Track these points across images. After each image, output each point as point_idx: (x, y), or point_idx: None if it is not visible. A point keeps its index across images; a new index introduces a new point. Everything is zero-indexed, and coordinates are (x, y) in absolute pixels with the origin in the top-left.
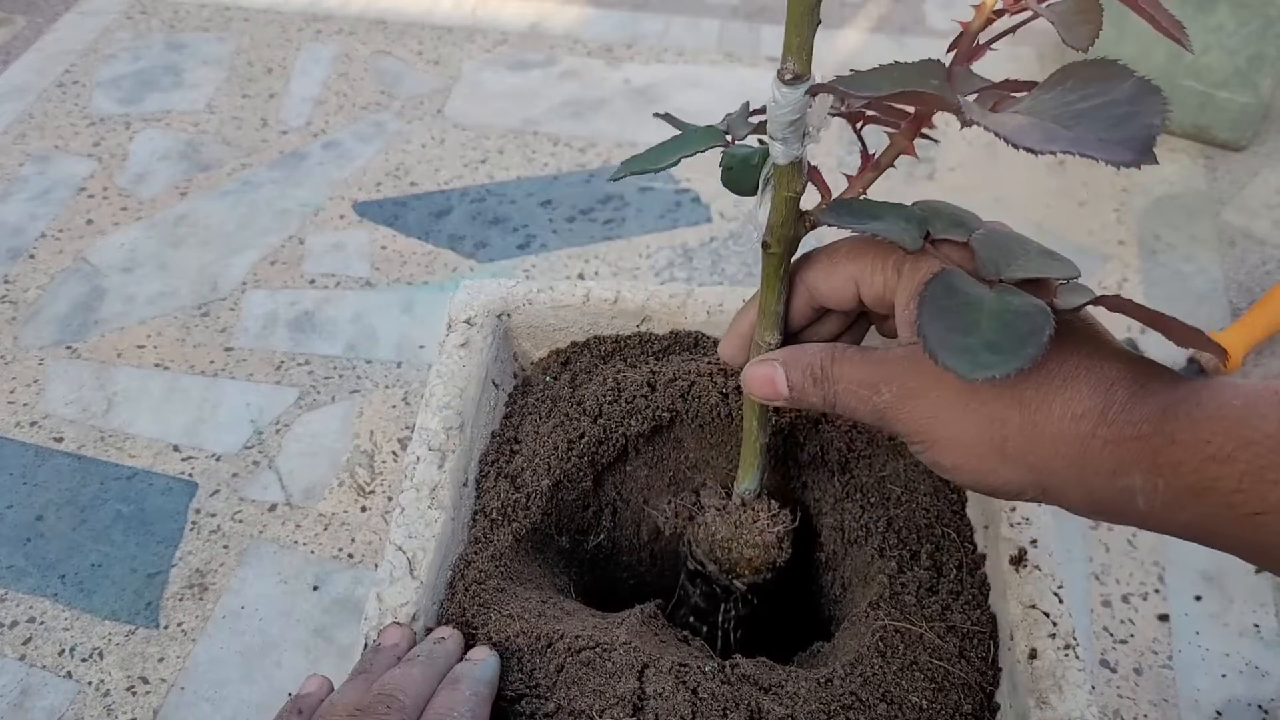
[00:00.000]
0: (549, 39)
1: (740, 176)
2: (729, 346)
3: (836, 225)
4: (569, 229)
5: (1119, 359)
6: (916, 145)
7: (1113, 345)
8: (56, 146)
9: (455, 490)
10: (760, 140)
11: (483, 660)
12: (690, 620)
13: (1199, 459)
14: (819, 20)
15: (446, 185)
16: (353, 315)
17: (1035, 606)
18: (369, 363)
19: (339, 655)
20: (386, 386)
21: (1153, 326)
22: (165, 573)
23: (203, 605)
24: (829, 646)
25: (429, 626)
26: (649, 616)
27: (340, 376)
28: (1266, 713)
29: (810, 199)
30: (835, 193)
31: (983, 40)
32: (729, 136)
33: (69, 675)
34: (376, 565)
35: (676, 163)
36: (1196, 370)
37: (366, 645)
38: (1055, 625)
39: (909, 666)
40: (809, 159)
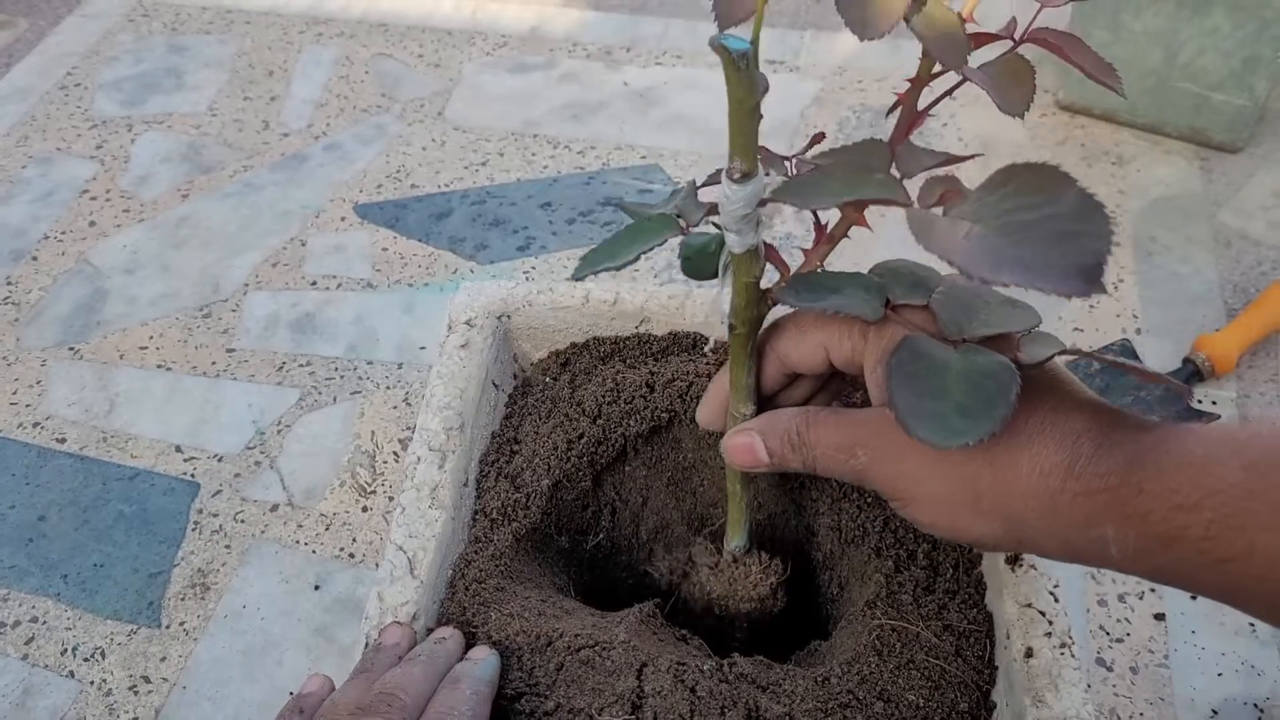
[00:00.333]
0: (549, 42)
1: (699, 265)
2: (706, 412)
3: (797, 305)
4: (569, 231)
5: (1084, 410)
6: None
7: (1078, 395)
8: (59, 149)
9: (455, 490)
10: (715, 225)
11: (483, 660)
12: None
13: (1166, 508)
14: (761, 117)
15: (447, 187)
16: (354, 316)
17: (1031, 605)
18: (370, 364)
19: (340, 654)
20: (387, 387)
21: (1114, 368)
22: (167, 572)
23: (204, 605)
24: (826, 645)
25: (429, 626)
26: (648, 615)
27: (341, 377)
28: (1262, 711)
29: (773, 271)
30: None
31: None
32: (683, 222)
33: (71, 675)
34: (377, 565)
35: (636, 259)
36: (1192, 371)
37: (367, 644)
38: (1051, 624)
39: (906, 665)
40: (765, 240)
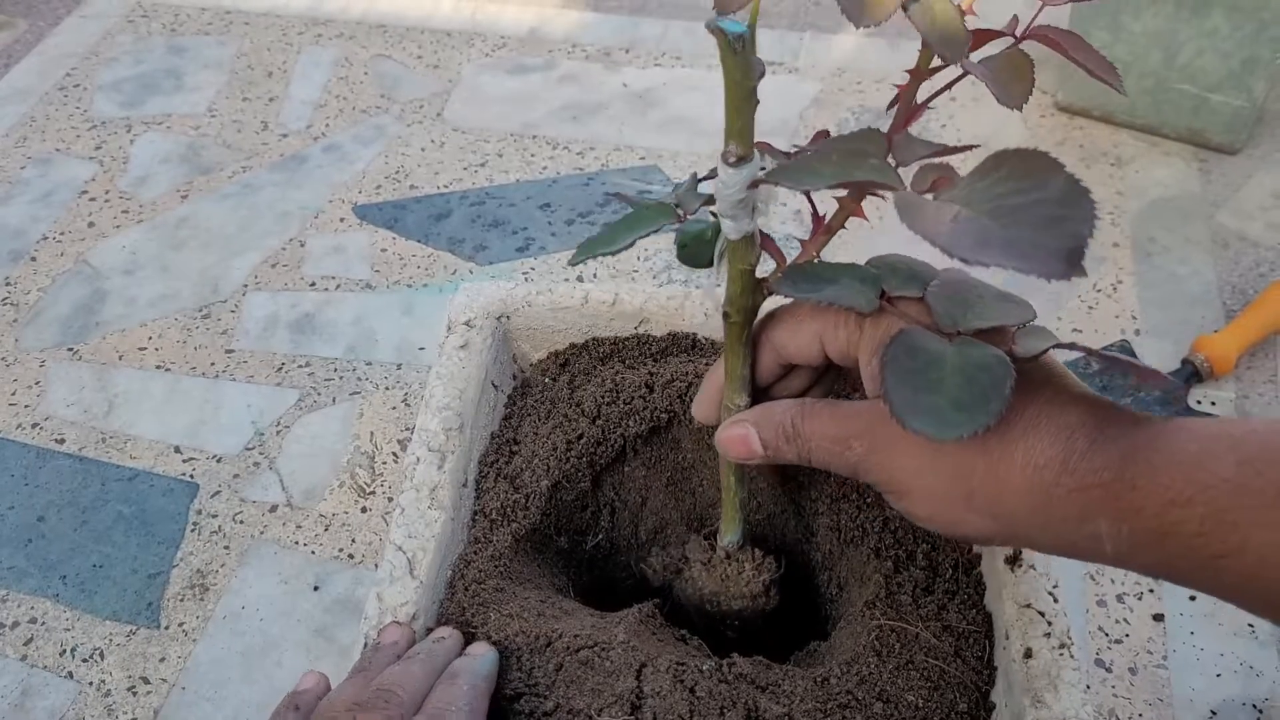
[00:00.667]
0: (548, 43)
1: (695, 253)
2: (701, 407)
3: (792, 295)
4: (568, 232)
5: (1079, 404)
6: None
7: (1072, 389)
8: (58, 149)
9: (455, 491)
10: (712, 213)
11: (481, 655)
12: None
13: (1159, 504)
14: (757, 101)
15: (446, 188)
16: (353, 317)
17: (1030, 606)
18: (369, 364)
19: (339, 655)
20: (386, 388)
21: (1110, 367)
22: (166, 573)
23: (203, 605)
24: (826, 646)
25: (429, 626)
26: (647, 616)
27: (341, 378)
28: (1261, 712)
29: (769, 261)
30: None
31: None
32: (681, 211)
33: (70, 675)
34: (377, 565)
35: (632, 244)
36: (1190, 372)
37: (366, 644)
38: (1050, 625)
39: (905, 666)
40: (760, 229)
